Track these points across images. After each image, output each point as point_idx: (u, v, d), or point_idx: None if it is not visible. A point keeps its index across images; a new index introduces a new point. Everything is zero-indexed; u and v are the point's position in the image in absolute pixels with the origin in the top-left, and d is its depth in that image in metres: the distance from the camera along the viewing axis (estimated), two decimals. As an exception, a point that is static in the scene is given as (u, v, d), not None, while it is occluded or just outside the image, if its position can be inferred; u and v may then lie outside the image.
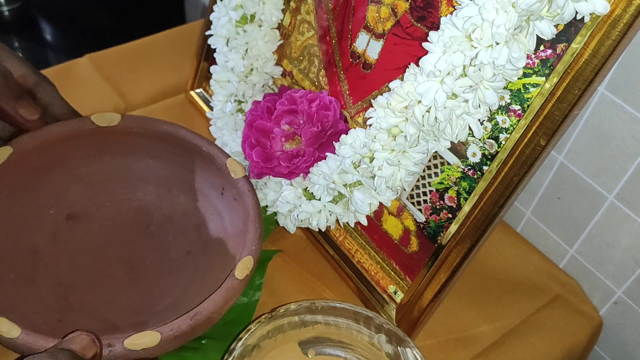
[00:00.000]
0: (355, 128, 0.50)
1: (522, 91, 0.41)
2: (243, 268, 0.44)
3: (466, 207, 0.45)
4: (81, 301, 0.49)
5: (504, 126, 0.42)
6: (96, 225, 0.54)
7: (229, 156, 0.52)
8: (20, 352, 0.40)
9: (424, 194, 0.48)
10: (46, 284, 0.49)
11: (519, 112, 0.41)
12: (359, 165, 0.47)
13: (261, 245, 0.47)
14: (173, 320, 0.41)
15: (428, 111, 0.41)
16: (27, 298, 0.47)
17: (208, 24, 0.62)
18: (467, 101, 0.40)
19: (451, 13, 0.39)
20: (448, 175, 0.46)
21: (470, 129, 0.42)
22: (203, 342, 0.49)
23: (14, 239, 0.49)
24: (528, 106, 0.40)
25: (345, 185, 0.49)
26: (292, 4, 0.59)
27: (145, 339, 0.40)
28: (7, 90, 0.47)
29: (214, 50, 0.61)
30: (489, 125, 0.43)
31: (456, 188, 0.46)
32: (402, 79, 0.43)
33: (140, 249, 0.54)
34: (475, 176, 0.44)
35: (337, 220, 0.52)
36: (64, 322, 0.47)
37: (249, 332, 0.46)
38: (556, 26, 0.37)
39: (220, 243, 0.52)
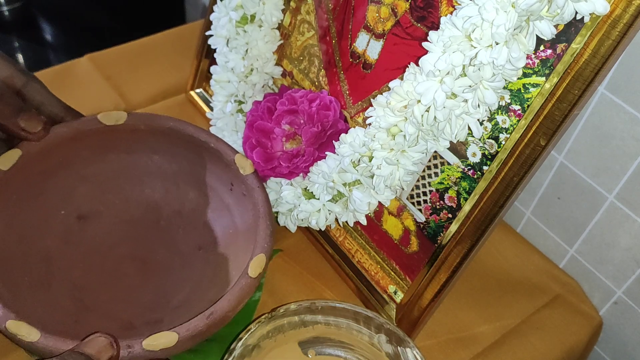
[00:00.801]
0: (354, 127, 0.50)
1: (522, 91, 0.41)
2: (256, 266, 0.44)
3: (466, 207, 0.45)
4: (96, 301, 0.49)
5: (504, 126, 0.42)
6: (106, 224, 0.54)
7: (237, 152, 0.51)
8: (40, 355, 0.40)
9: (424, 194, 0.48)
10: (61, 287, 0.49)
11: (519, 112, 0.41)
12: (358, 164, 0.47)
13: (273, 243, 0.47)
14: (189, 320, 0.41)
15: (427, 111, 0.41)
16: (42, 302, 0.47)
17: (208, 24, 0.62)
18: (466, 101, 0.40)
19: (451, 13, 0.39)
20: (448, 175, 0.46)
21: (469, 128, 0.42)
22: (204, 342, 0.49)
23: (26, 244, 0.49)
24: (528, 106, 0.40)
25: (344, 184, 0.49)
26: (292, 4, 0.59)
27: (163, 340, 0.40)
28: (6, 107, 0.46)
29: (214, 50, 0.61)
30: (489, 125, 0.43)
31: (456, 188, 0.46)
32: (401, 79, 0.43)
33: (152, 244, 0.54)
34: (475, 176, 0.44)
35: (337, 220, 0.52)
36: (80, 323, 0.47)
37: (249, 332, 0.46)
38: (556, 26, 0.37)
39: (230, 238, 0.52)
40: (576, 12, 0.35)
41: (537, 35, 0.37)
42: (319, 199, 0.51)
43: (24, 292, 0.46)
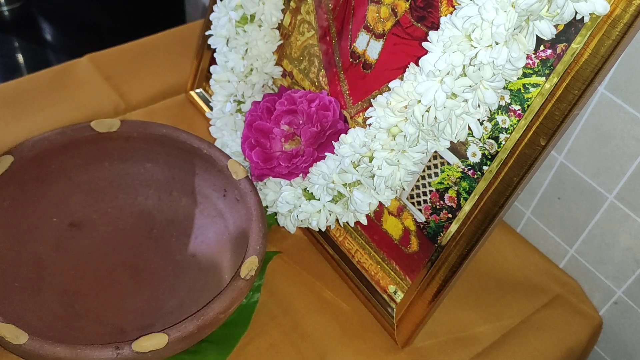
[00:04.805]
0: (354, 128, 0.50)
1: (522, 91, 0.41)
2: (248, 268, 0.45)
3: (466, 207, 0.45)
4: (87, 307, 0.49)
5: (504, 126, 0.42)
6: (99, 231, 0.54)
7: (229, 158, 0.52)
8: (27, 358, 0.40)
9: (424, 194, 0.48)
10: (51, 292, 0.49)
11: (519, 112, 0.41)
12: (358, 165, 0.47)
13: (265, 245, 0.47)
14: (180, 322, 0.41)
15: (428, 111, 0.41)
16: (32, 306, 0.47)
17: (208, 24, 0.62)
18: (466, 101, 0.40)
19: (451, 13, 0.39)
20: (448, 175, 0.46)
21: (469, 128, 0.42)
22: (202, 344, 0.49)
23: (18, 249, 0.49)
24: (528, 106, 0.40)
25: (344, 185, 0.49)
26: (292, 4, 0.59)
27: (153, 341, 0.40)
28: None
29: (214, 50, 0.61)
30: (489, 125, 0.43)
31: (456, 188, 0.46)
32: (402, 79, 0.43)
33: (144, 252, 0.54)
34: (475, 176, 0.44)
35: (337, 220, 0.52)
36: (69, 328, 0.47)
37: None
38: (556, 26, 0.37)
39: (224, 244, 0.52)
40: (576, 12, 0.35)
41: (537, 35, 0.37)
42: (319, 199, 0.51)
43: (13, 296, 0.46)
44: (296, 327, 0.53)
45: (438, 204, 0.47)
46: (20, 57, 1.39)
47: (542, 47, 0.39)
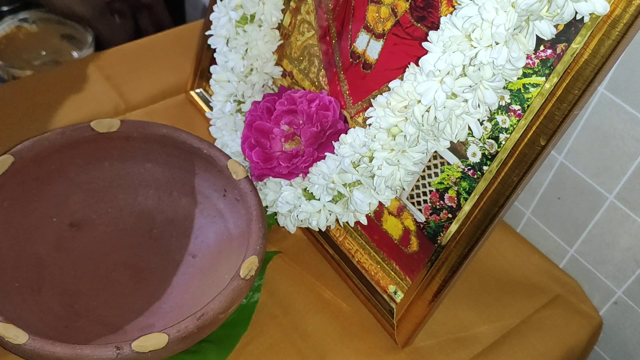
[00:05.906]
0: (354, 128, 0.50)
1: (522, 91, 0.41)
2: (248, 268, 0.45)
3: (466, 207, 0.45)
4: (87, 307, 0.49)
5: (504, 126, 0.42)
6: (99, 231, 0.54)
7: (229, 158, 0.52)
8: (27, 358, 0.40)
9: (424, 194, 0.48)
10: (52, 292, 0.49)
11: (519, 112, 0.41)
12: (358, 165, 0.47)
13: (265, 245, 0.48)
14: (180, 322, 0.41)
15: (428, 111, 0.41)
16: (33, 306, 0.47)
17: (208, 24, 0.62)
18: (466, 101, 0.40)
19: (451, 13, 0.39)
20: (448, 175, 0.46)
21: (469, 128, 0.42)
22: (202, 344, 0.49)
23: (17, 249, 0.49)
24: (528, 106, 0.40)
25: (344, 185, 0.49)
26: (292, 4, 0.59)
27: (153, 341, 0.40)
28: None
29: (214, 50, 0.61)
30: (489, 125, 0.43)
31: (456, 188, 0.46)
32: (402, 79, 0.43)
33: (144, 253, 0.54)
34: (475, 176, 0.44)
35: (337, 220, 0.52)
36: (70, 328, 0.47)
37: None
38: (556, 26, 0.37)
39: (224, 244, 0.52)
40: (576, 12, 0.35)
41: (537, 35, 0.37)
42: (319, 199, 0.51)
43: (14, 296, 0.46)
44: (296, 327, 0.53)
45: (438, 204, 0.47)
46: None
47: (542, 47, 0.39)
